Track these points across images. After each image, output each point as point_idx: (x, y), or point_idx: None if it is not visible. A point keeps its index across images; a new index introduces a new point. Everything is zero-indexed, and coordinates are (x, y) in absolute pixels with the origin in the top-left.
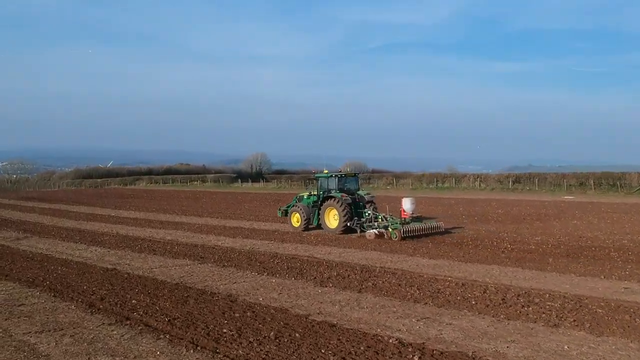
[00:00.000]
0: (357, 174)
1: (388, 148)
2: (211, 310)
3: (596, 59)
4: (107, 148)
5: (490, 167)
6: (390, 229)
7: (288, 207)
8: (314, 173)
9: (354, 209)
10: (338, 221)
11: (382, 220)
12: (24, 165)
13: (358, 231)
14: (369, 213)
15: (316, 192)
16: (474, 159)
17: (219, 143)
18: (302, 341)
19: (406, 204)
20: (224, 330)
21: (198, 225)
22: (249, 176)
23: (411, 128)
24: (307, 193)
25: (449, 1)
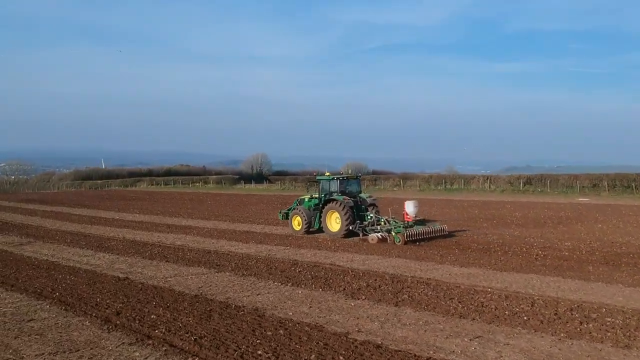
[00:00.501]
0: (359, 176)
1: (388, 148)
2: (239, 327)
3: (595, 60)
4: (107, 148)
5: (488, 168)
6: (393, 233)
7: (289, 210)
8: (315, 175)
9: (356, 212)
10: (340, 224)
11: (385, 223)
12: (22, 166)
13: (360, 235)
14: (371, 216)
15: (317, 195)
16: (473, 160)
17: (219, 143)
18: None
19: (409, 207)
20: (259, 352)
21: (207, 229)
22: (251, 177)
23: (411, 128)
24: (308, 196)
25: (449, 2)
